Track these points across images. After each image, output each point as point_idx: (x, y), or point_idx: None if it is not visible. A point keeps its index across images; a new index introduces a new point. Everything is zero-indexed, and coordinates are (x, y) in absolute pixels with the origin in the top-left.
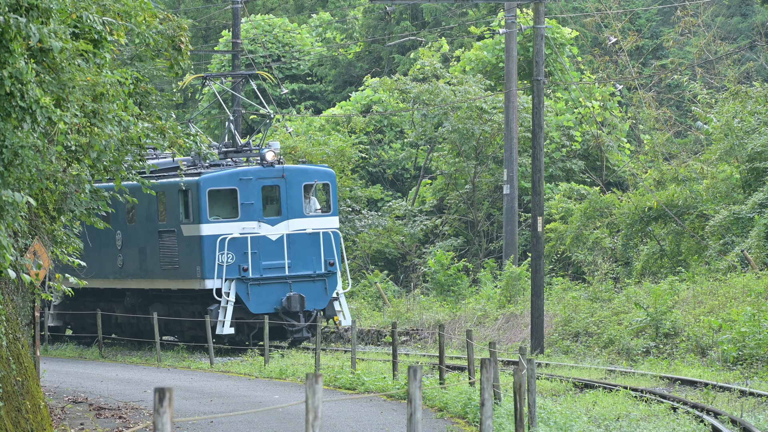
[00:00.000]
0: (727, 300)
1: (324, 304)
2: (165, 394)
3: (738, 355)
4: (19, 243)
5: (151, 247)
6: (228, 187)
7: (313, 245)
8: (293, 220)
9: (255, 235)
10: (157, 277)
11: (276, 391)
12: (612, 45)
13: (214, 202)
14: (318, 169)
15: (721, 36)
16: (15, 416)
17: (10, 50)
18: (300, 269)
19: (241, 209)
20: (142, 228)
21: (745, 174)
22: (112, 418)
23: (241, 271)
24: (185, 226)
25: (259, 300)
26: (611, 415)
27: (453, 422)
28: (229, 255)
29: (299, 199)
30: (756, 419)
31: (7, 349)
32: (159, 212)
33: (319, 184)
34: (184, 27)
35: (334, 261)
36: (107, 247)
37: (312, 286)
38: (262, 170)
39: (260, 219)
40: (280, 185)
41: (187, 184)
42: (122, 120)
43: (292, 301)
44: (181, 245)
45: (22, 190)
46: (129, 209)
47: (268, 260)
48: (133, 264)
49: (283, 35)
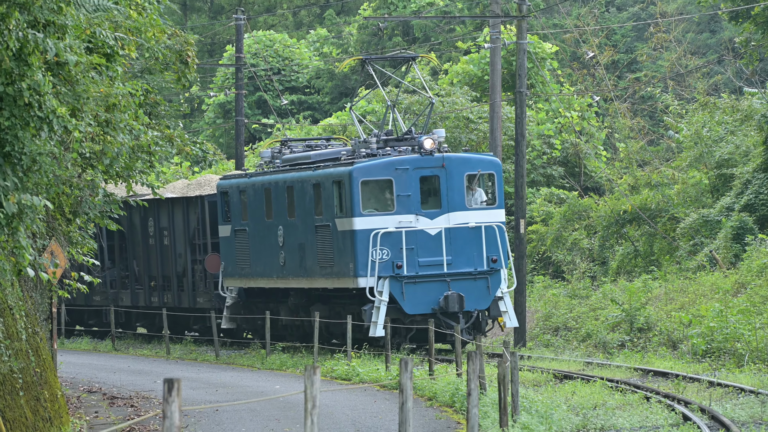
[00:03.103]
0: (696, 297)
1: (486, 304)
2: (173, 384)
3: (707, 348)
4: (38, 244)
5: (310, 244)
6: (383, 177)
7: (475, 240)
8: (454, 213)
9: (411, 229)
10: (315, 276)
11: (277, 382)
12: (589, 59)
13: (367, 194)
14: (482, 158)
15: (691, 51)
16: (34, 405)
17: (28, 64)
18: (460, 266)
19: (397, 201)
20: (302, 223)
21: (714, 179)
22: (125, 406)
23: (395, 269)
24: (339, 220)
25: (415, 300)
26: (589, 404)
27: (441, 410)
28: (383, 251)
29: (461, 191)
30: (723, 408)
31: (26, 342)
32: (316, 206)
33: (484, 174)
34: (191, 42)
35: (497, 257)
36: (271, 244)
37: (473, 284)
38: (420, 159)
39: (418, 212)
40: (440, 175)
41: (339, 174)
42: (133, 129)
43: (449, 301)
44: (335, 241)
45: (40, 194)
46: (289, 202)
47: (425, 257)
48: (293, 262)
49: (283, 50)
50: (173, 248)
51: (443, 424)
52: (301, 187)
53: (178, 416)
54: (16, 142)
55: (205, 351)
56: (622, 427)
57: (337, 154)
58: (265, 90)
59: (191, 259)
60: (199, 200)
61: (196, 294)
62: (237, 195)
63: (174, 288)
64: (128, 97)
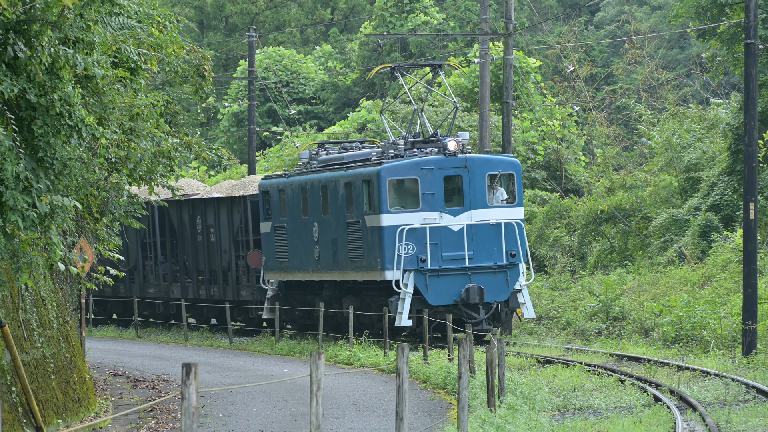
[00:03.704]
0: (666, 289)
1: (505, 296)
2: (191, 368)
3: (676, 335)
4: (68, 240)
5: (342, 239)
6: (409, 176)
7: (495, 236)
8: (476, 210)
9: (434, 225)
10: (346, 269)
11: (285, 366)
12: (570, 73)
13: (394, 192)
14: (503, 159)
15: (663, 65)
16: (64, 387)
17: (59, 77)
18: (481, 261)
19: (422, 199)
20: (334, 219)
21: (682, 182)
22: (147, 388)
23: (419, 263)
24: (368, 216)
25: (438, 292)
26: (568, 387)
27: (435, 392)
28: (409, 246)
29: (482, 189)
30: (691, 389)
31: (57, 330)
32: (347, 203)
33: (504, 174)
34: (207, 57)
35: (516, 252)
36: (307, 239)
37: (493, 277)
38: (444, 160)
39: (442, 209)
40: (463, 175)
41: (368, 174)
42: (155, 136)
43: (470, 293)
44: (364, 236)
45: (70, 195)
46: (323, 200)
47: (448, 251)
48: (327, 256)
49: (291, 64)
50: (219, 244)
51: (436, 404)
52: (334, 186)
53: (195, 397)
54: (48, 148)
55: (219, 338)
56: (599, 407)
57: (367, 156)
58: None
59: (235, 255)
60: (242, 200)
61: (239, 287)
62: (277, 194)
63: (220, 281)
64: (150, 108)
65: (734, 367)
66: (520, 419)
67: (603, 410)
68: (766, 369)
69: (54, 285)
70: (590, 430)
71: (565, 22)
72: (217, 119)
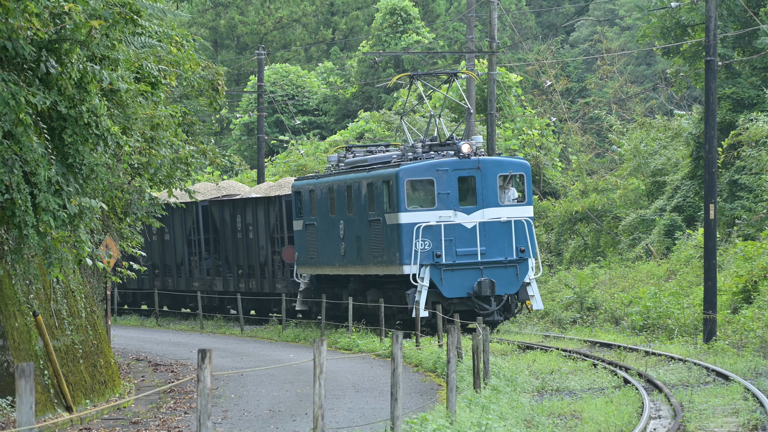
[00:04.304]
0: (635, 282)
1: (515, 289)
2: (206, 354)
3: (643, 324)
4: (95, 238)
5: (364, 236)
6: (425, 177)
7: (506, 233)
8: (488, 209)
9: (449, 223)
10: (369, 264)
11: (291, 351)
12: (547, 87)
13: (412, 192)
14: (513, 161)
15: (631, 80)
16: (92, 370)
17: (87, 91)
18: (492, 256)
19: (438, 199)
20: (359, 218)
21: (649, 185)
22: (166, 372)
23: (435, 258)
24: (388, 215)
25: (452, 285)
26: (546, 370)
27: (426, 375)
28: (425, 242)
29: (494, 189)
30: (657, 373)
31: (85, 319)
32: (369, 202)
33: (515, 175)
34: (221, 73)
35: (525, 248)
36: (334, 236)
37: (503, 271)
38: (458, 162)
39: (456, 208)
40: (476, 176)
41: (388, 175)
42: (173, 144)
43: (482, 286)
44: (385, 233)
45: (97, 197)
46: (348, 199)
47: (461, 247)
48: (351, 252)
49: (296, 79)
50: (257, 241)
51: (427, 386)
52: (357, 186)
53: (209, 380)
54: (77, 155)
55: (231, 326)
56: (574, 388)
57: (388, 158)
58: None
59: (271, 251)
60: (277, 200)
61: (275, 280)
62: (307, 194)
63: (257, 275)
64: (169, 118)
65: (696, 353)
66: (503, 399)
67: (578, 391)
68: (724, 354)
69: (82, 278)
70: (566, 409)
71: (543, 42)
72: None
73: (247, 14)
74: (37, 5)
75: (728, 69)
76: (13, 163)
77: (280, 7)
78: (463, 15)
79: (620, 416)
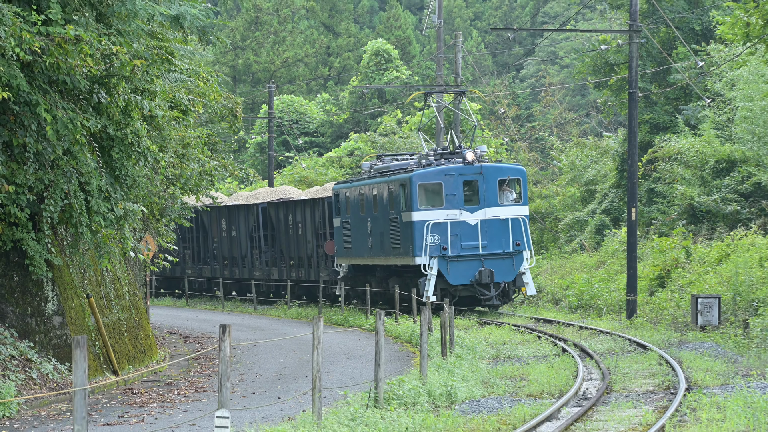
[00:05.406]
0: (571, 270)
1: (512, 277)
2: (226, 328)
3: (578, 304)
4: (137, 235)
5: (386, 231)
6: (435, 181)
7: (504, 229)
8: (489, 208)
9: (455, 220)
10: (389, 255)
11: (294, 326)
12: (502, 114)
13: (423, 194)
14: (511, 167)
15: (569, 108)
16: (134, 342)
17: (131, 116)
18: (492, 249)
19: (446, 200)
20: (382, 216)
21: (583, 193)
22: (194, 342)
23: (442, 250)
24: (403, 213)
25: (457, 273)
26: (500, 341)
27: (403, 345)
28: (434, 237)
29: (495, 191)
30: (589, 343)
31: (129, 300)
32: (390, 203)
33: (513, 179)
34: (239, 102)
35: (521, 242)
36: (363, 232)
37: (501, 262)
38: (463, 168)
39: (461, 207)
40: (479, 180)
41: (403, 179)
42: (200, 159)
43: (483, 275)
44: (401, 229)
45: (138, 203)
46: (374, 200)
47: (466, 241)
48: (376, 245)
49: (299, 107)
50: (305, 236)
51: (404, 354)
52: (381, 189)
53: (229, 349)
54: (122, 168)
55: (247, 306)
56: (522, 356)
57: (406, 165)
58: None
59: (316, 245)
60: (321, 201)
61: (319, 270)
62: (344, 196)
63: (305, 266)
64: (197, 139)
65: (620, 327)
66: (465, 365)
67: (525, 358)
68: (643, 328)
69: (126, 267)
70: (516, 372)
71: (498, 77)
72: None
73: (260, 55)
74: (90, 48)
75: (647, 99)
76: (71, 175)
77: (286, 50)
78: (433, 56)
79: (560, 378)
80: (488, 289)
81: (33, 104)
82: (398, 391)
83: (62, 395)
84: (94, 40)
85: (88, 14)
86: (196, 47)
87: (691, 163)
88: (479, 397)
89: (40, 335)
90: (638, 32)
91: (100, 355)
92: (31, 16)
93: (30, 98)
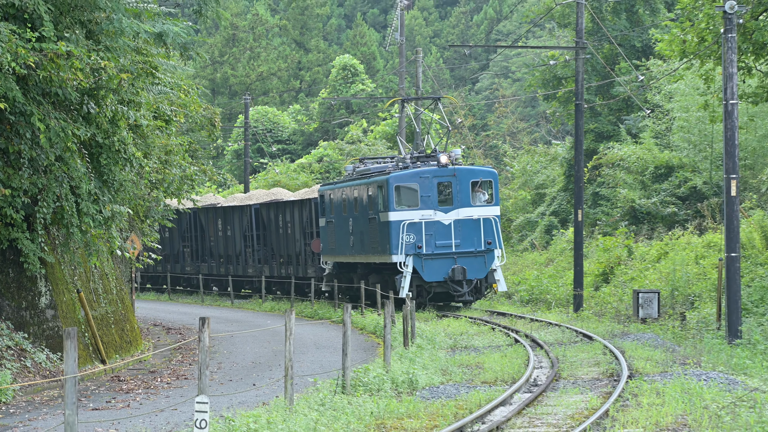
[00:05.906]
0: (523, 267)
1: (483, 274)
2: (205, 321)
3: (529, 298)
4: (123, 235)
5: (366, 231)
6: (411, 183)
7: (476, 228)
8: (462, 209)
9: (429, 220)
10: (369, 253)
11: (268, 319)
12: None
13: (399, 195)
14: (483, 169)
15: (520, 118)
16: (120, 333)
17: (118, 126)
18: (465, 247)
19: (421, 201)
20: (362, 216)
21: (533, 196)
22: (176, 334)
23: (417, 249)
24: (381, 213)
25: (431, 271)
26: (458, 332)
27: (368, 336)
28: (410, 236)
29: (467, 193)
30: (539, 334)
31: (116, 294)
32: (369, 204)
33: (485, 181)
34: (217, 112)
35: (492, 241)
36: (346, 231)
37: (473, 260)
38: (437, 170)
39: (436, 208)
40: (452, 182)
41: (381, 181)
42: (182, 165)
43: (455, 272)
44: (379, 229)
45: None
46: (355, 201)
47: (440, 240)
48: (357, 244)
49: (273, 117)
50: (293, 235)
51: (369, 344)
52: (361, 191)
53: (208, 340)
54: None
55: (224, 300)
56: (478, 346)
57: (384, 168)
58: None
59: (303, 243)
60: (309, 202)
61: (306, 267)
62: (329, 197)
63: (294, 263)
64: (179, 146)
65: (568, 320)
66: (425, 354)
67: (481, 348)
68: (589, 320)
69: (114, 264)
70: (472, 361)
71: (455, 89)
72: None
73: (237, 69)
74: (81, 62)
75: (592, 110)
76: (62, 179)
77: (261, 64)
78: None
79: (512, 366)
80: (461, 286)
81: (28, 114)
82: (364, 379)
83: (54, 382)
84: (84, 55)
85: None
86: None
87: (632, 168)
88: (438, 384)
89: (34, 327)
90: (584, 49)
91: (89, 346)
92: (26, 34)
93: (25, 109)
